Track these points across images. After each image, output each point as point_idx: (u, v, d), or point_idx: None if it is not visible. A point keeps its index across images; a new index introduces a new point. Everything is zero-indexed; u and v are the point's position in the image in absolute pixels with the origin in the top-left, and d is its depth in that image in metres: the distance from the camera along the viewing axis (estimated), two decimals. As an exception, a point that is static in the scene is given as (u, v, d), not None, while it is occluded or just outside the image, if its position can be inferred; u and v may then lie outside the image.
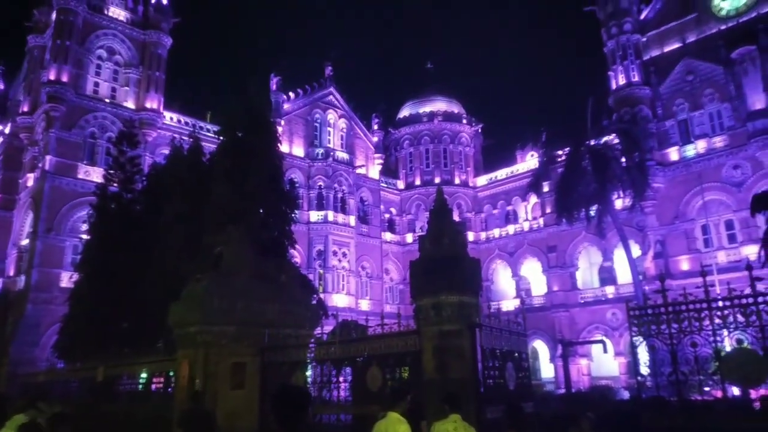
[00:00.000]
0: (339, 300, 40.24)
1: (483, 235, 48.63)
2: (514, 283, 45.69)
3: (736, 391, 8.29)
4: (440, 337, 8.03)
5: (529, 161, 46.39)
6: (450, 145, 51.46)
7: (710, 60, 36.86)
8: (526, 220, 46.42)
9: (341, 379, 9.34)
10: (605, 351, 34.20)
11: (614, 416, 7.02)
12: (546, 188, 38.13)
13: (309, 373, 10.24)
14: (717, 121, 36.98)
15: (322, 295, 33.68)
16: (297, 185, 39.63)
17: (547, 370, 41.11)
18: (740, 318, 6.22)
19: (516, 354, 9.22)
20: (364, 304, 43.66)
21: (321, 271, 42.01)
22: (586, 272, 42.26)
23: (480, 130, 53.89)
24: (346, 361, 9.30)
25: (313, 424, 8.75)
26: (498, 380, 8.22)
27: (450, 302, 8.11)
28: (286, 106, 44.12)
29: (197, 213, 14.20)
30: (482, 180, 50.71)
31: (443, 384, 7.48)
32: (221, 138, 16.65)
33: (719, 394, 6.83)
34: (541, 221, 44.39)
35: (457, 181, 50.39)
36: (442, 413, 5.78)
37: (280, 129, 37.35)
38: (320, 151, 44.98)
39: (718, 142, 36.36)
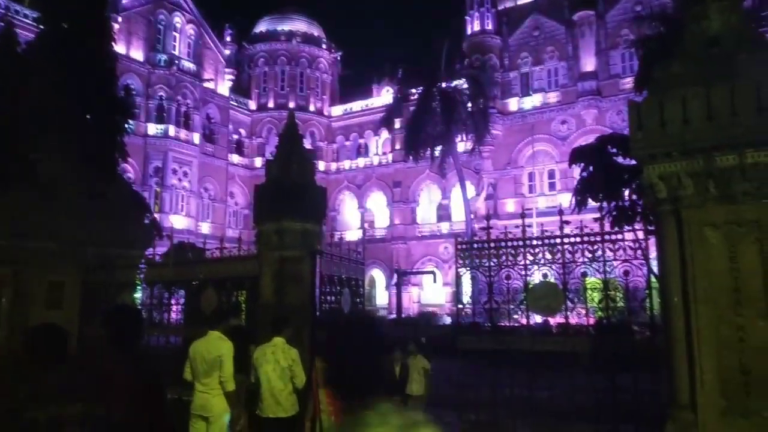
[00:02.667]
0: (177, 221, 38.30)
1: (334, 165, 48.93)
2: (359, 215, 47.06)
3: (539, 319, 9.53)
4: (280, 263, 8.04)
5: (385, 96, 46.95)
6: (308, 69, 50.03)
7: (556, 18, 39.70)
8: (377, 154, 47.51)
9: (173, 302, 9.01)
10: (435, 281, 37.27)
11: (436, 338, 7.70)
12: (398, 125, 39.16)
13: (139, 295, 9.74)
14: (554, 78, 40.36)
15: (157, 215, 31.78)
16: (134, 93, 36.00)
17: (382, 297, 43.75)
18: (548, 255, 7.05)
19: (353, 281, 9.59)
20: (205, 228, 42.15)
21: (158, 190, 39.42)
22: (425, 208, 44.83)
23: (339, 58, 53.00)
24: (180, 284, 8.97)
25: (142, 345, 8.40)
26: (334, 305, 8.51)
27: (293, 228, 8.11)
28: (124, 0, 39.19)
29: (12, 112, 12.33)
30: (337, 110, 50.44)
31: (280, 309, 7.56)
32: (42, 27, 14.36)
33: (524, 321, 7.77)
34: (390, 156, 45.72)
35: (312, 108, 49.52)
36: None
37: (116, 26, 33.25)
38: (163, 57, 41.01)
39: (552, 97, 39.86)
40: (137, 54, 39.98)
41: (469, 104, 33.50)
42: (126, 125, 15.99)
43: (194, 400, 5.28)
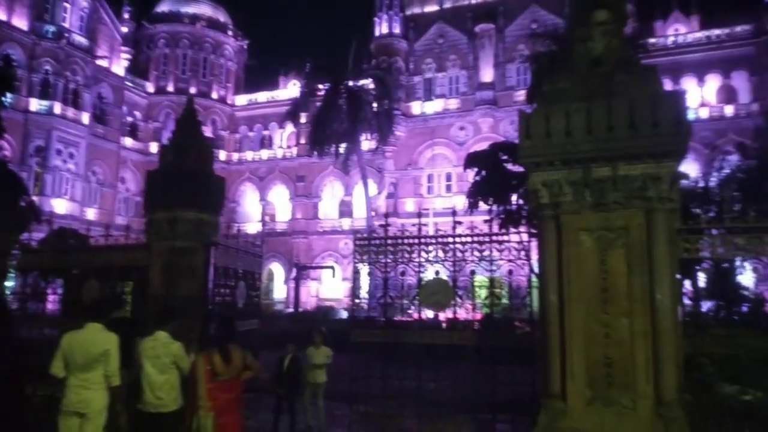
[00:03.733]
0: (59, 205, 35.42)
1: (235, 156, 47.52)
2: (260, 208, 46.08)
3: (431, 314, 9.89)
4: (171, 253, 7.73)
5: (291, 89, 46.27)
6: (212, 55, 48.14)
7: (459, 28, 41.21)
8: (281, 147, 46.74)
9: (50, 291, 8.37)
10: (334, 276, 37.38)
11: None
12: (303, 119, 38.76)
13: (11, 284, 8.93)
14: (455, 85, 41.87)
15: (37, 198, 29.27)
16: (15, 64, 32.87)
17: (280, 291, 43.15)
18: (441, 254, 7.35)
19: (250, 274, 9.43)
20: (92, 213, 39.33)
21: (39, 171, 36.23)
22: (328, 204, 44.76)
23: (246, 47, 51.54)
24: (58, 272, 8.34)
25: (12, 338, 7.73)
26: (227, 298, 8.32)
27: (187, 218, 7.82)
28: (7, -38, 35.57)
29: None
30: (242, 99, 49.01)
31: (170, 301, 7.27)
32: None
33: (417, 316, 8.03)
34: (294, 150, 45.17)
35: (215, 95, 47.74)
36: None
37: (-5, -11, 30.22)
38: (51, 29, 37.68)
39: (453, 104, 41.35)
40: (21, 23, 36.42)
41: (375, 104, 33.90)
42: (2, 98, 14.56)
43: (68, 395, 4.93)
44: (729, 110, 40.60)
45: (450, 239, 7.11)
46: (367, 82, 35.62)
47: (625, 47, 6.99)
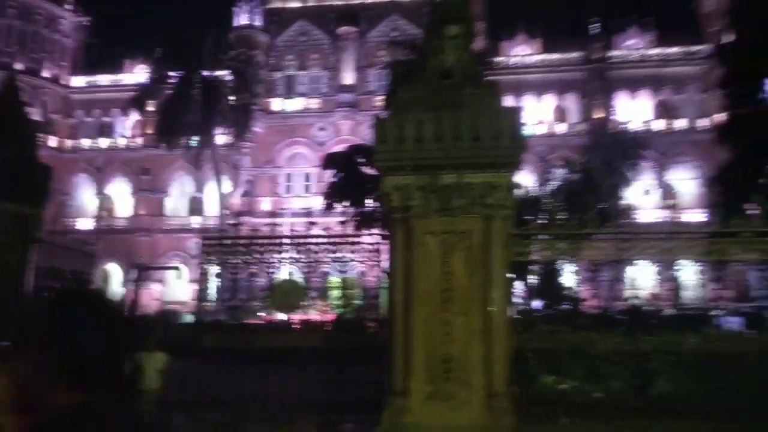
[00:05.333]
0: None
1: (69, 143, 42.92)
2: (97, 202, 42.08)
3: (284, 316, 9.71)
4: (-18, 250, 6.73)
5: (139, 74, 42.89)
6: (45, 29, 43.00)
7: (322, 28, 41.26)
8: (124, 136, 43.14)
9: None
10: (180, 277, 35.28)
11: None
12: (151, 107, 36.10)
13: None
14: (316, 85, 41.85)
15: None
16: None
17: (118, 294, 39.72)
18: (295, 255, 7.25)
19: (81, 275, 8.54)
20: None
21: None
22: (176, 200, 42.20)
23: (87, 24, 46.78)
24: None
25: None
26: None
27: (2, 210, 6.86)
28: None
29: None
30: (79, 81, 44.42)
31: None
32: None
33: (268, 318, 7.84)
34: (139, 140, 41.94)
35: (46, 74, 42.68)
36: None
37: None
38: None
39: (314, 103, 41.28)
40: None
41: (232, 97, 32.66)
42: None
43: None
44: (562, 128, 45.37)
45: (304, 240, 7.05)
46: (224, 74, 34.20)
47: (474, 62, 7.44)
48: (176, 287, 37.77)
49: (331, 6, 41.37)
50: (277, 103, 41.19)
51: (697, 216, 34.71)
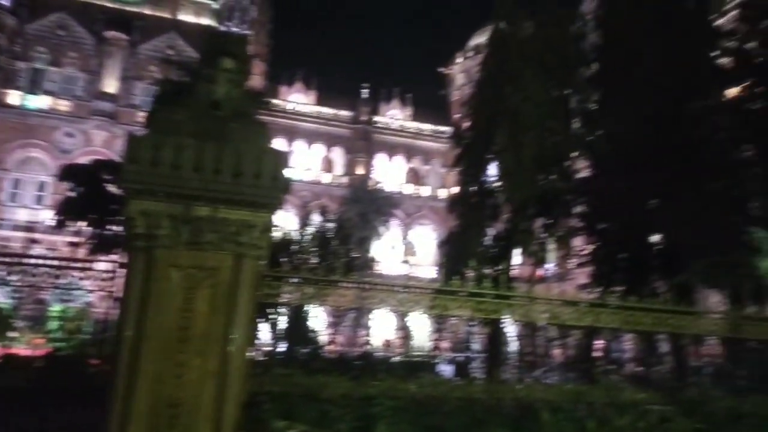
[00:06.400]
0: None
1: None
2: None
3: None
4: None
5: None
6: None
7: (88, 28, 37.16)
8: None
9: None
10: None
11: None
12: None
13: None
14: (70, 86, 37.21)
15: None
16: None
17: None
18: (4, 275, 6.12)
19: None
20: None
21: None
22: None
23: None
24: None
25: None
26: None
27: None
28: None
29: None
30: None
31: None
32: None
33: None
34: None
35: None
36: None
37: None
38: None
39: (64, 105, 36.50)
40: None
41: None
42: None
43: None
44: (327, 178, 47.73)
45: (17, 260, 6.00)
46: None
47: (246, 99, 7.43)
48: None
49: (102, 7, 37.73)
50: (15, 96, 35.37)
51: (431, 272, 39.34)
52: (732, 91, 14.93)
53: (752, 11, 15.42)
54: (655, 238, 13.18)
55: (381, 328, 33.18)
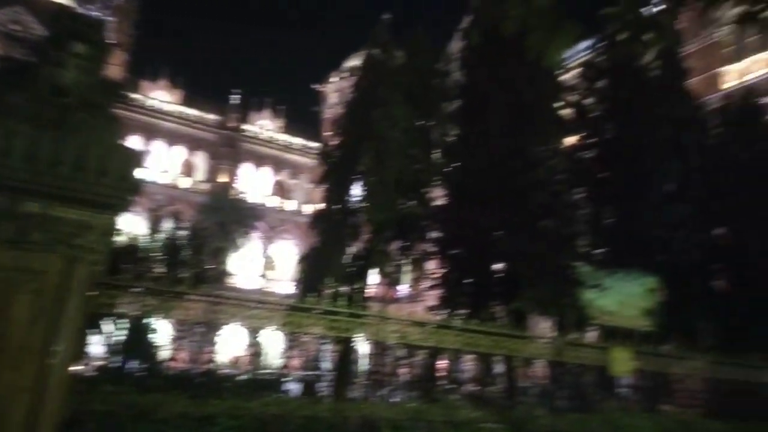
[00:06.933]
0: None
1: None
2: None
3: None
4: None
5: None
6: None
7: None
8: None
9: None
10: None
11: None
12: None
13: None
14: None
15: None
16: None
17: None
18: None
19: None
20: None
21: None
22: None
23: None
24: None
25: None
26: None
27: None
28: None
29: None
30: None
31: None
32: None
33: None
34: None
35: None
36: None
37: None
38: None
39: None
40: None
41: None
42: None
43: None
44: (187, 182, 45.30)
45: None
46: None
47: (98, 89, 6.85)
48: None
49: None
50: None
51: (290, 288, 38.79)
52: (570, 140, 16.80)
53: (590, 71, 17.57)
54: (498, 266, 14.23)
55: (231, 345, 31.90)
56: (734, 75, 25.79)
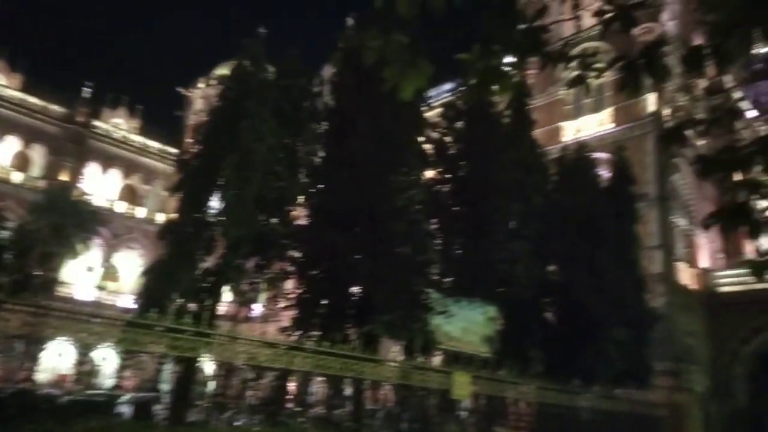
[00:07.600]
0: None
1: None
2: None
3: None
4: None
5: None
6: None
7: None
8: None
9: None
10: None
11: None
12: None
13: None
14: None
15: None
16: None
17: None
18: None
19: None
20: None
21: None
22: None
23: None
24: None
25: None
26: None
27: None
28: None
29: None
30: None
31: None
32: None
33: None
34: None
35: None
36: None
37: None
38: None
39: None
40: None
41: None
42: None
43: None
44: (19, 177, 40.36)
45: None
46: None
47: None
48: None
49: None
50: None
51: (132, 302, 35.84)
52: (429, 173, 17.72)
53: (450, 112, 18.80)
54: (354, 289, 14.42)
55: (58, 361, 28.64)
56: (571, 130, 29.08)
